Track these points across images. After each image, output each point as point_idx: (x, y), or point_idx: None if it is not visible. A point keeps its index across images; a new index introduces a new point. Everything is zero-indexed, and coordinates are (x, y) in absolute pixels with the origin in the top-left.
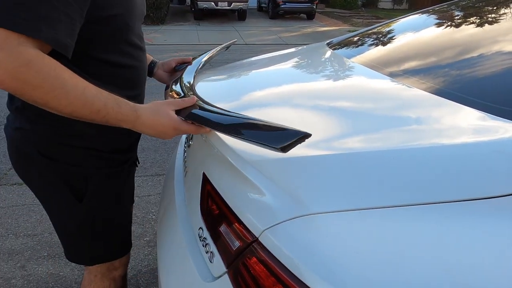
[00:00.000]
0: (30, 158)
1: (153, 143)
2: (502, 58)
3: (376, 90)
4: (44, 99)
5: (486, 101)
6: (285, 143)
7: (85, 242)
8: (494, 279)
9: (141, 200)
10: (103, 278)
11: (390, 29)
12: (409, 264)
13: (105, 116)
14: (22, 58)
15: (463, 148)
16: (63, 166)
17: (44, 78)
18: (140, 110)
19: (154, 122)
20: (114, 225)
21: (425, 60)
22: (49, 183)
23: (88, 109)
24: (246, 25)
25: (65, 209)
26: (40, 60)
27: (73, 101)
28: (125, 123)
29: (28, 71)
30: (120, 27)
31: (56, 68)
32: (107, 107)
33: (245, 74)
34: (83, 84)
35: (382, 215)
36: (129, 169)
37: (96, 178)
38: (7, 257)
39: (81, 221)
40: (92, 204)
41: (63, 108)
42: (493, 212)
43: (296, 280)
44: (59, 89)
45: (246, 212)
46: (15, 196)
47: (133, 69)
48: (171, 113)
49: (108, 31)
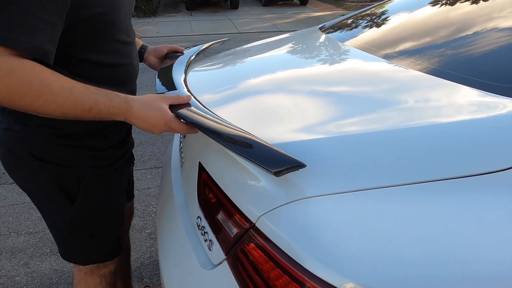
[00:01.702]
0: (20, 159)
1: (150, 137)
2: (497, 36)
3: (370, 72)
4: (33, 106)
5: (482, 79)
6: (279, 168)
7: (78, 242)
8: (493, 254)
9: (140, 194)
10: (93, 275)
11: (383, 10)
12: (406, 243)
13: (98, 113)
14: (3, 69)
15: (459, 126)
16: (54, 167)
17: (29, 85)
18: (132, 101)
19: (145, 115)
20: (108, 225)
21: (420, 40)
22: (41, 184)
23: (80, 109)
24: (239, 14)
25: (58, 210)
26: (22, 69)
27: (62, 103)
28: (117, 116)
29: (11, 81)
30: (106, 25)
31: (39, 74)
32: (98, 104)
33: (239, 62)
34: (70, 85)
35: (377, 196)
36: (122, 166)
37: (88, 177)
38: (10, 255)
39: (74, 221)
40: (85, 205)
41: (54, 112)
42: (490, 187)
43: (294, 264)
44: (46, 95)
45: (243, 199)
46: (15, 194)
47: (123, 67)
48: (164, 107)
49: (94, 31)
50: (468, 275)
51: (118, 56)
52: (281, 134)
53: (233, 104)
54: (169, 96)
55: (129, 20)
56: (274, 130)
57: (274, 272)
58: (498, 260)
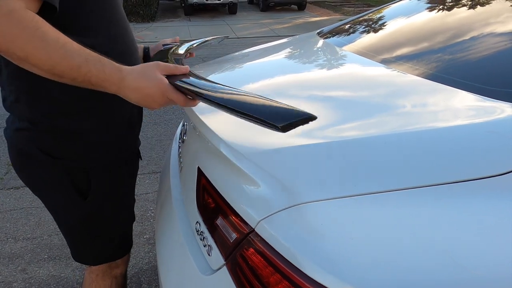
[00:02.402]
0: (32, 158)
1: (148, 141)
2: (494, 41)
3: (368, 77)
4: (23, 51)
5: (479, 83)
6: (286, 122)
7: (90, 241)
8: (493, 259)
9: (139, 199)
10: (105, 276)
11: (381, 15)
12: (405, 247)
13: (87, 74)
14: (4, 8)
15: (457, 131)
16: (66, 163)
17: (24, 28)
18: (126, 71)
19: (140, 85)
20: (118, 222)
21: (417, 45)
22: (53, 182)
23: (68, 64)
24: (237, 19)
25: (70, 207)
26: (22, 12)
27: (52, 54)
28: (109, 84)
29: (9, 20)
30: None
31: (38, 21)
32: (89, 64)
33: (237, 67)
34: (64, 39)
35: (376, 200)
36: (132, 162)
37: (99, 173)
38: (8, 261)
39: (86, 218)
40: (97, 201)
41: (43, 62)
42: (488, 191)
43: (294, 269)
44: (38, 41)
45: (242, 204)
46: (13, 200)
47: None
48: (160, 76)
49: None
50: (468, 280)
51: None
52: (279, 139)
53: None
54: (166, 65)
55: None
56: (272, 135)
57: (274, 277)
58: (497, 264)
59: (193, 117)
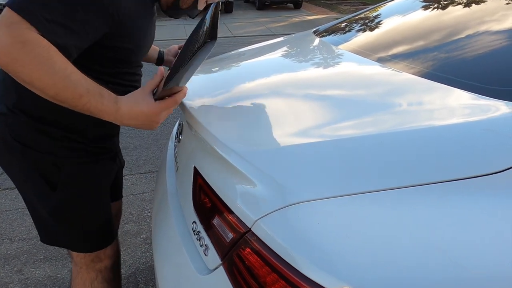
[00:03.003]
0: (6, 144)
1: (144, 141)
2: (490, 39)
3: (364, 76)
4: (30, 77)
5: (475, 81)
6: None
7: (59, 229)
8: (488, 257)
9: (135, 198)
10: (88, 269)
11: (377, 14)
12: (403, 246)
13: (87, 104)
14: (22, 36)
15: (453, 129)
16: (36, 154)
17: (35, 56)
18: (120, 102)
19: (135, 112)
20: (90, 216)
21: (413, 44)
22: (23, 170)
23: (71, 92)
24: (233, 17)
25: (39, 197)
26: (37, 41)
27: (57, 82)
28: (106, 114)
29: (22, 48)
30: (126, 59)
31: (50, 51)
32: (89, 94)
33: (233, 66)
34: (71, 69)
35: (373, 199)
36: (104, 163)
37: (68, 167)
38: (3, 262)
39: (55, 209)
40: (65, 194)
41: (48, 88)
42: (485, 189)
43: (290, 268)
44: (46, 68)
45: (238, 204)
46: (8, 200)
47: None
48: (148, 98)
49: (114, 60)
50: (466, 279)
51: (125, 81)
52: (275, 138)
53: (227, 109)
54: (148, 84)
55: (141, 61)
56: (268, 134)
57: (270, 277)
58: (496, 264)
59: (188, 116)
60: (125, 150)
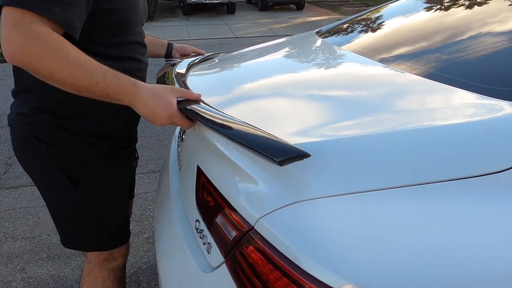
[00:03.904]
0: (27, 142)
1: (147, 141)
2: (492, 40)
3: (367, 76)
4: (49, 71)
5: (478, 82)
6: (284, 157)
7: (80, 228)
8: (491, 256)
9: (138, 198)
10: (102, 268)
11: (379, 15)
12: (405, 244)
13: (105, 89)
14: (31, 32)
15: (455, 129)
16: (58, 151)
17: (49, 49)
18: (140, 86)
19: (151, 103)
20: (109, 213)
21: (416, 45)
22: (45, 168)
23: (88, 80)
24: (236, 18)
25: (61, 194)
26: (47, 35)
27: (73, 72)
28: (124, 96)
29: (35, 43)
30: (122, 21)
31: (60, 42)
32: (106, 80)
33: (236, 66)
34: (85, 58)
35: (375, 197)
36: (126, 159)
37: (91, 164)
38: (7, 260)
39: (76, 206)
40: (87, 190)
41: (66, 80)
42: (487, 188)
43: (293, 266)
44: (61, 60)
45: (241, 202)
46: (11, 199)
47: (133, 63)
48: (172, 100)
49: (111, 24)
50: (469, 278)
51: (131, 53)
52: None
53: (230, 109)
54: (180, 89)
55: (141, 27)
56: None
57: (273, 275)
58: (496, 262)
59: None
60: None
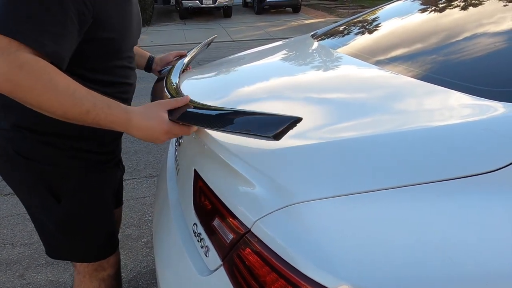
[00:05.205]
0: (9, 158)
1: (145, 145)
2: (487, 42)
3: (363, 79)
4: (37, 101)
5: (473, 84)
6: (277, 130)
7: (65, 241)
8: (487, 255)
9: (136, 203)
10: (92, 278)
11: (375, 17)
12: (400, 245)
13: (95, 118)
14: (17, 61)
15: (451, 130)
16: (40, 166)
17: (36, 79)
18: (132, 112)
19: (145, 126)
20: (94, 225)
21: (411, 47)
22: (27, 183)
23: (78, 109)
24: (232, 22)
25: (44, 209)
26: (34, 64)
27: (63, 102)
28: (117, 125)
29: (21, 72)
30: (114, 49)
31: (50, 72)
32: (97, 108)
33: (233, 70)
34: (75, 86)
35: (371, 198)
36: (110, 171)
37: (74, 178)
38: (5, 267)
39: (60, 221)
40: (71, 205)
41: (56, 110)
42: (484, 187)
43: (290, 267)
44: (50, 91)
45: (238, 205)
46: (9, 206)
47: (122, 87)
48: (163, 115)
49: (103, 52)
50: (464, 277)
51: (118, 77)
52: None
53: None
54: (166, 102)
55: (132, 51)
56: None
57: (270, 276)
58: (492, 261)
59: None
60: (126, 154)
